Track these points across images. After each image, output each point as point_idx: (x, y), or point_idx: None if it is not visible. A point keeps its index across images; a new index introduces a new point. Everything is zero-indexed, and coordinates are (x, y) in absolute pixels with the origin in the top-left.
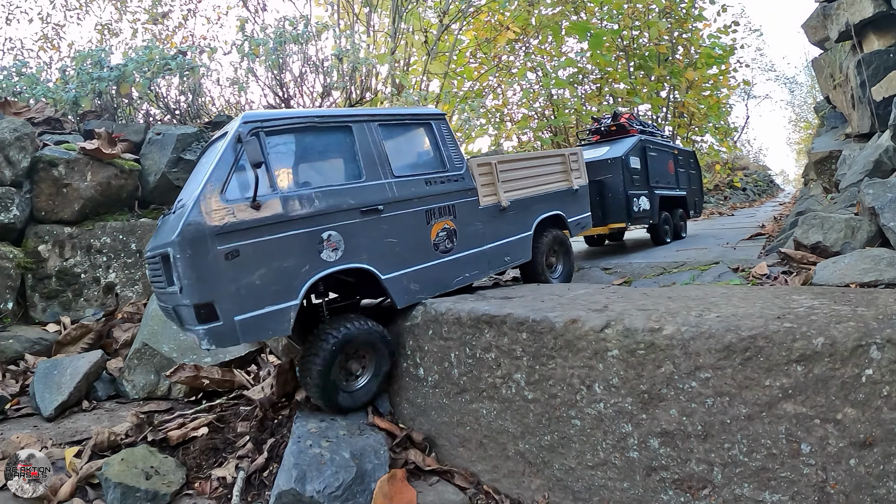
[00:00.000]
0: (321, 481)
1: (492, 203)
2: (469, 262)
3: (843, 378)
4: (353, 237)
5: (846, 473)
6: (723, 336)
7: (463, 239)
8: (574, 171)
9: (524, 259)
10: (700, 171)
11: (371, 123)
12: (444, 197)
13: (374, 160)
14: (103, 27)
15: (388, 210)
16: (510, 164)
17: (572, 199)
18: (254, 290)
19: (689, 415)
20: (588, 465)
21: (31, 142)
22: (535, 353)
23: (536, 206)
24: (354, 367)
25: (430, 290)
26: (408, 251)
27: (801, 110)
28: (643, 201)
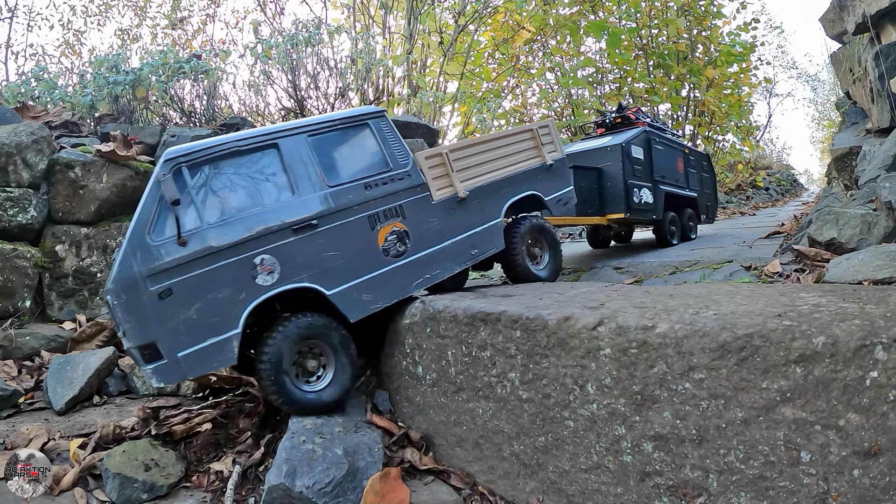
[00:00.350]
0: (311, 477)
1: (448, 195)
2: (428, 263)
3: (845, 381)
4: (289, 257)
5: (849, 485)
6: (717, 334)
7: (417, 239)
8: (547, 146)
9: (495, 248)
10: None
11: (299, 136)
12: (388, 199)
13: (305, 174)
14: (123, 32)
15: (325, 223)
16: (466, 151)
17: (548, 175)
18: (193, 325)
19: (683, 418)
20: (582, 469)
21: (47, 145)
22: (528, 352)
23: (504, 189)
24: (311, 364)
25: (385, 298)
26: (354, 262)
27: (823, 108)
28: (645, 193)
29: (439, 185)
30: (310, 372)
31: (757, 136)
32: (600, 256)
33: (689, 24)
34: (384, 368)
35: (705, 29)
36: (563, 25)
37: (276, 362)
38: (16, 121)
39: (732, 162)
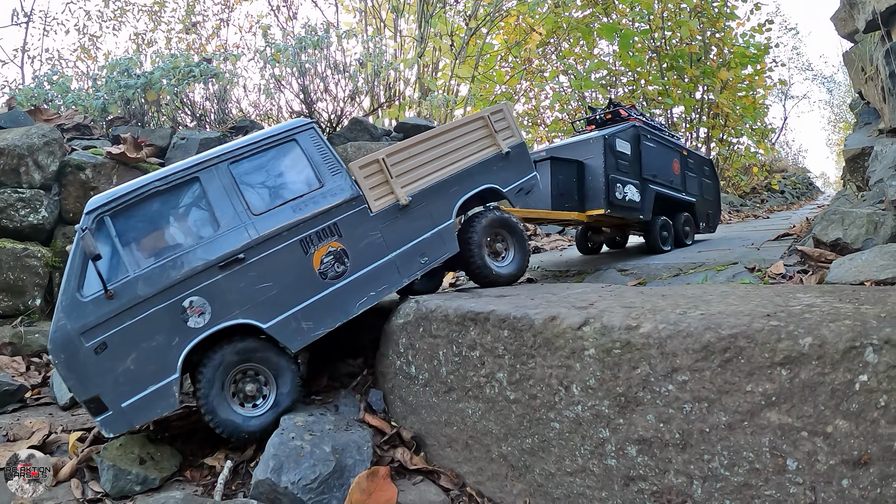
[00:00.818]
0: (297, 473)
1: (389, 204)
2: (371, 280)
3: (833, 385)
4: (219, 295)
5: (838, 495)
6: (701, 335)
7: (357, 256)
8: (502, 132)
9: (449, 252)
10: (718, 182)
11: (220, 165)
12: (320, 218)
13: (228, 205)
14: (138, 37)
15: (253, 255)
16: (406, 152)
17: (505, 164)
18: (131, 375)
19: (667, 421)
20: (567, 472)
21: (59, 147)
22: (515, 352)
23: (454, 188)
24: (249, 388)
25: (327, 323)
26: (289, 290)
27: (839, 110)
28: (630, 190)
29: (378, 194)
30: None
31: (772, 138)
32: (606, 259)
33: (703, 25)
34: (379, 368)
35: (719, 30)
36: (575, 28)
37: (210, 389)
38: (28, 123)
39: (747, 165)
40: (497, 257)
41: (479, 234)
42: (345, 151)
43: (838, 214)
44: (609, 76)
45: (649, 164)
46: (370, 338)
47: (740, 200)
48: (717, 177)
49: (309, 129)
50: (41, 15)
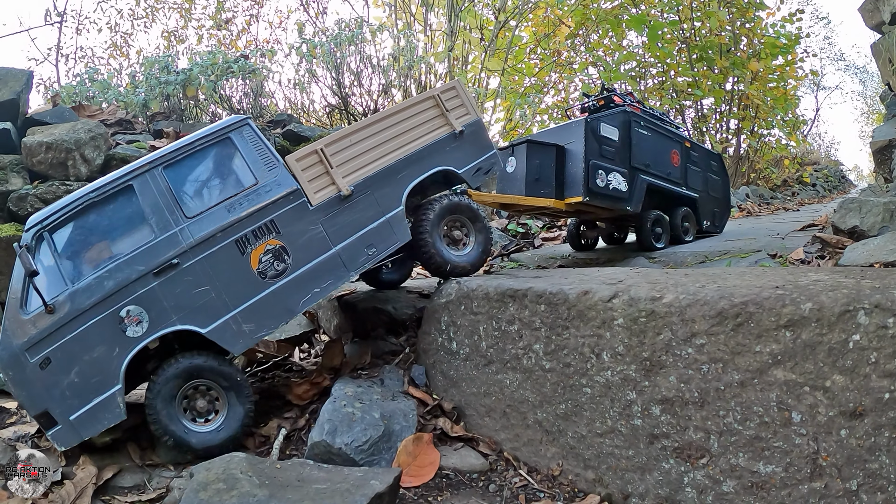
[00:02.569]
0: (350, 435)
1: (330, 196)
2: (314, 275)
3: (830, 344)
4: (155, 303)
5: (837, 445)
6: (716, 303)
7: (298, 252)
8: (455, 111)
9: (400, 241)
10: (728, 179)
11: (154, 170)
12: (256, 216)
13: (161, 211)
14: (169, 34)
15: (187, 259)
16: (346, 140)
17: (460, 144)
18: (76, 388)
19: (687, 381)
20: (597, 433)
21: (104, 141)
22: (551, 324)
23: (402, 173)
24: (201, 405)
25: (269, 324)
26: (227, 293)
27: (873, 101)
28: (615, 179)
29: (317, 185)
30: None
31: (804, 130)
32: (636, 248)
33: (732, 16)
34: (421, 345)
35: (748, 20)
36: (603, 20)
37: (158, 405)
38: (73, 119)
39: (778, 157)
40: (455, 245)
41: (431, 220)
42: None
43: (856, 203)
44: (638, 68)
45: (641, 153)
46: (412, 317)
47: (771, 193)
48: (727, 173)
49: (243, 125)
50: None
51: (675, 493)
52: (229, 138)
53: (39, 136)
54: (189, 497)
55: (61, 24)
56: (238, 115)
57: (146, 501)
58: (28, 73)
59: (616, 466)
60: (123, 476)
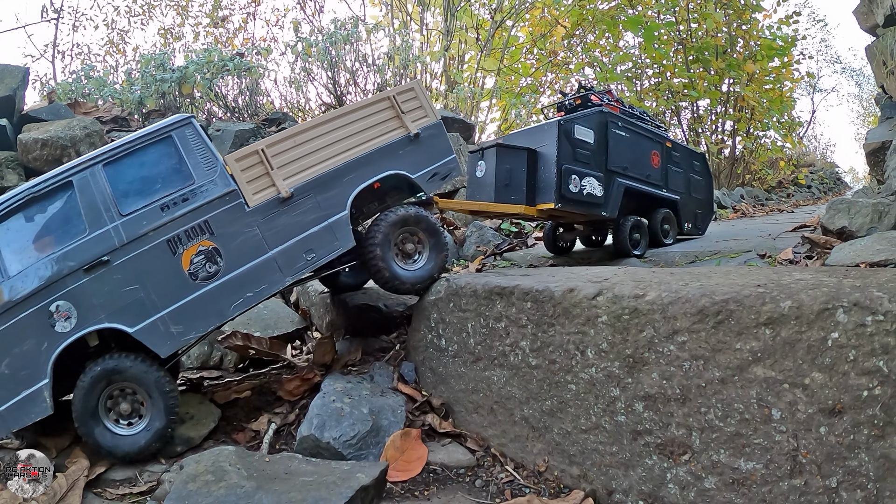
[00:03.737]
0: (338, 430)
1: (269, 198)
2: (248, 279)
3: (809, 341)
4: (84, 299)
5: (817, 442)
6: (697, 300)
7: (231, 255)
8: (411, 113)
9: (341, 247)
10: (711, 179)
11: (94, 168)
12: (190, 216)
13: (97, 208)
14: (166, 31)
15: (118, 257)
16: (291, 141)
17: (415, 147)
18: (6, 380)
19: (669, 378)
20: (582, 430)
21: (99, 138)
22: (537, 321)
23: (349, 176)
24: (124, 407)
25: (199, 327)
26: (157, 293)
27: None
28: (590, 183)
29: (257, 187)
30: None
31: (800, 132)
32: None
33: (728, 17)
34: (411, 342)
35: (745, 22)
36: (600, 20)
37: (80, 406)
38: (68, 116)
39: (773, 159)
40: (408, 259)
41: (382, 232)
42: None
43: (845, 204)
44: (634, 69)
45: (618, 155)
46: (402, 315)
47: (766, 194)
48: (710, 172)
49: (186, 124)
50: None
51: (657, 489)
52: (171, 137)
53: (35, 133)
54: (178, 488)
55: (58, 21)
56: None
57: (137, 494)
58: (24, 69)
59: (600, 462)
60: (115, 469)
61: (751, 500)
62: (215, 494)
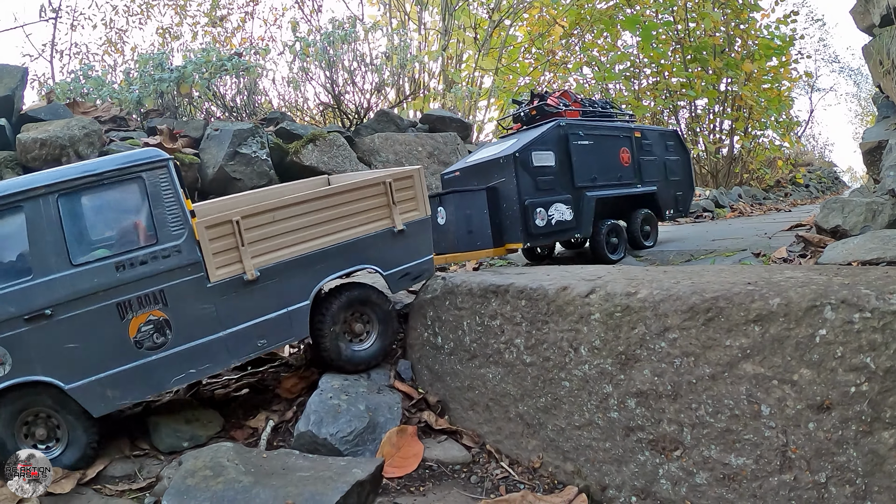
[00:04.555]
0: (335, 426)
1: (232, 276)
2: (194, 356)
3: (797, 338)
4: (21, 348)
5: (806, 438)
6: (688, 298)
7: (182, 329)
8: (403, 204)
9: (295, 337)
10: (688, 155)
11: (49, 196)
12: (146, 282)
13: (48, 247)
14: (164, 31)
15: (62, 311)
16: (269, 216)
17: (395, 242)
18: None
19: (660, 375)
20: (576, 426)
21: (98, 138)
22: (531, 319)
23: (320, 265)
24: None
25: (134, 394)
26: (98, 354)
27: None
28: (558, 211)
29: (222, 261)
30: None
31: (798, 131)
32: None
33: (726, 17)
34: (408, 340)
35: (743, 22)
36: (598, 20)
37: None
38: (67, 116)
39: (771, 158)
40: (356, 338)
41: (332, 313)
42: (372, 142)
43: (839, 203)
44: (632, 68)
45: (585, 168)
46: (399, 313)
47: (763, 194)
48: (685, 147)
49: (162, 167)
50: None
51: (650, 484)
52: (141, 178)
53: (34, 133)
54: (177, 483)
55: (56, 20)
56: (158, 150)
57: (136, 490)
58: (23, 69)
59: (594, 458)
60: (115, 466)
61: (741, 495)
62: (213, 489)
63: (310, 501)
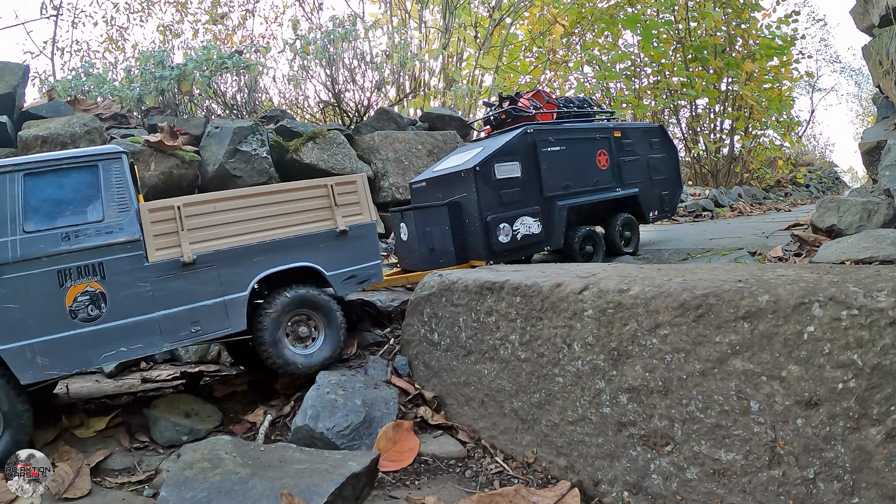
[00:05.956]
0: (331, 421)
1: (170, 257)
2: (126, 334)
3: (785, 335)
4: None
5: (794, 434)
6: (679, 294)
7: (117, 304)
8: (346, 207)
9: (231, 329)
10: (674, 151)
11: (15, 174)
12: (87, 253)
13: (4, 217)
14: (165, 28)
15: (7, 272)
16: (211, 206)
17: (338, 244)
18: None
19: (651, 371)
20: (569, 421)
21: (99, 135)
22: (526, 316)
23: (259, 257)
24: None
25: (64, 365)
26: (33, 319)
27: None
28: (524, 225)
29: (161, 243)
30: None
31: (798, 131)
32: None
33: (727, 16)
34: (404, 336)
35: (744, 21)
36: (598, 19)
37: None
38: (68, 113)
39: (772, 158)
40: (301, 342)
41: (272, 316)
42: (372, 140)
43: (834, 202)
44: (633, 67)
45: (555, 176)
46: (397, 309)
47: (763, 193)
48: (671, 142)
49: (116, 158)
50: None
51: (642, 479)
52: (97, 166)
53: (35, 130)
54: (175, 475)
55: (57, 18)
56: (116, 146)
57: (136, 482)
58: (24, 67)
59: (587, 454)
60: (114, 459)
61: (731, 490)
62: (211, 480)
63: (305, 493)
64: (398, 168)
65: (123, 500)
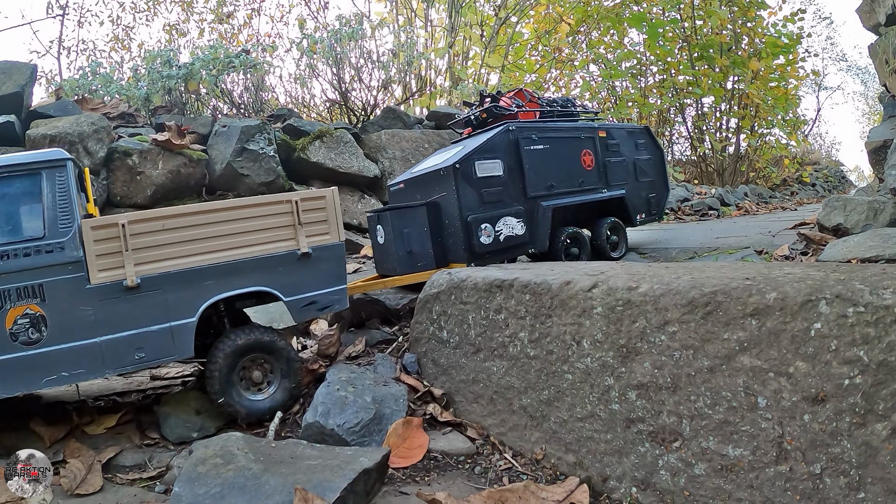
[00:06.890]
0: (342, 417)
1: (113, 280)
2: (67, 358)
3: (793, 332)
4: None
5: (801, 429)
6: (688, 292)
7: (58, 328)
8: (312, 226)
9: (177, 356)
10: (660, 152)
11: None
12: (26, 274)
13: None
14: (171, 28)
15: None
16: (157, 224)
17: (299, 267)
18: None
19: (660, 367)
20: (578, 418)
21: (107, 134)
22: (535, 313)
23: (210, 280)
24: None
25: (4, 388)
26: None
27: (874, 103)
28: (506, 226)
29: (105, 264)
30: None
31: (804, 130)
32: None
33: (733, 14)
34: (413, 334)
35: (750, 20)
36: (604, 17)
37: None
38: (76, 113)
39: (778, 156)
40: (253, 386)
41: (222, 359)
42: (379, 139)
43: (840, 201)
44: (638, 66)
45: (539, 176)
46: (405, 307)
47: (770, 192)
48: (658, 144)
49: (61, 167)
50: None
51: (650, 475)
52: (40, 174)
53: (43, 129)
54: (188, 471)
55: (63, 17)
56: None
57: (147, 479)
58: (32, 66)
59: (595, 450)
60: (125, 455)
61: (738, 485)
62: (224, 476)
63: (318, 488)
64: (405, 167)
65: (135, 496)
